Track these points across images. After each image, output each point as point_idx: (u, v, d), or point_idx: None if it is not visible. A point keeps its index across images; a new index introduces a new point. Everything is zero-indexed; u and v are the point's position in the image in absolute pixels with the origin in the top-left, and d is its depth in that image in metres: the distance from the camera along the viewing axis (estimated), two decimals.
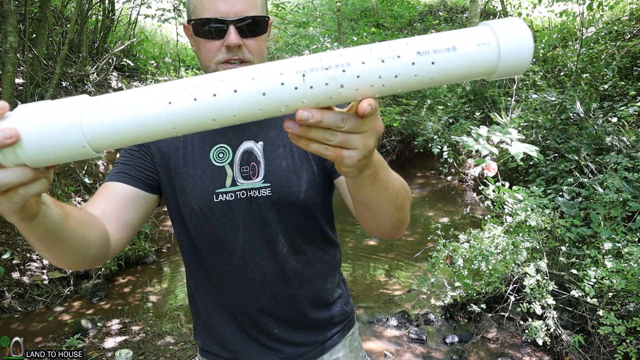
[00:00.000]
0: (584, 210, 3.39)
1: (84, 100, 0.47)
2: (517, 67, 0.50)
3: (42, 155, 0.46)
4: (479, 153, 3.06)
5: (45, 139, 0.45)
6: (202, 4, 0.89)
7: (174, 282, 4.28)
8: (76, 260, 0.76)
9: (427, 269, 3.16)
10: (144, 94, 0.47)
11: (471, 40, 0.49)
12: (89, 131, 0.46)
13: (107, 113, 0.46)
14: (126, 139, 0.47)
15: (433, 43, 0.48)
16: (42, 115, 0.46)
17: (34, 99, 4.72)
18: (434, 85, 0.50)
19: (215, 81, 0.47)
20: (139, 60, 7.52)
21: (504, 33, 0.49)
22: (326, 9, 10.98)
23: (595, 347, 2.51)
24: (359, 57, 0.48)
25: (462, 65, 0.49)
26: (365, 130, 0.53)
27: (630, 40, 5.95)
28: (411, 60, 0.48)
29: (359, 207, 0.77)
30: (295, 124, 0.50)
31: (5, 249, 3.76)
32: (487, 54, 0.49)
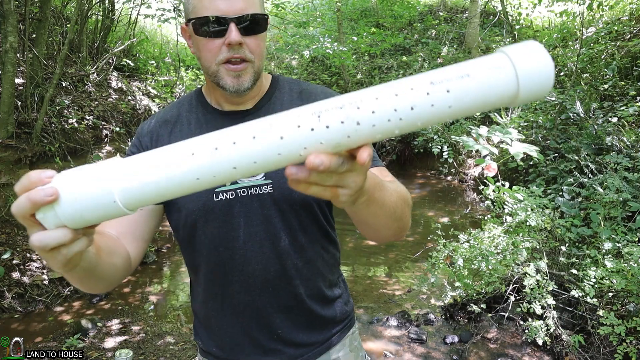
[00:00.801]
0: (584, 210, 3.39)
1: (117, 164, 0.50)
2: (540, 86, 0.48)
3: (80, 216, 0.50)
4: (479, 153, 3.06)
5: (82, 202, 0.49)
6: (202, 3, 0.88)
7: (174, 282, 4.28)
8: (106, 285, 0.83)
9: (427, 269, 3.16)
10: (169, 151, 0.49)
11: (484, 65, 0.48)
12: (121, 195, 0.49)
13: (138, 176, 0.49)
14: (156, 197, 0.50)
15: (446, 72, 0.48)
16: (79, 180, 0.49)
17: (33, 99, 4.72)
18: (456, 116, 0.49)
19: (235, 130, 0.49)
20: (139, 60, 7.52)
21: (518, 54, 0.48)
22: (326, 9, 10.97)
23: (595, 347, 2.51)
24: (373, 94, 0.48)
25: (479, 91, 0.48)
26: (356, 170, 0.54)
27: (630, 40, 5.96)
28: (425, 91, 0.47)
29: (357, 224, 0.80)
30: (299, 170, 0.50)
31: (5, 249, 3.76)
32: (503, 78, 0.48)
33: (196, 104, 1.04)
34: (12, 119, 4.32)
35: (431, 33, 10.33)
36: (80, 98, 5.50)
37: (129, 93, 6.42)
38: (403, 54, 9.97)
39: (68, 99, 5.24)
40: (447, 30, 9.81)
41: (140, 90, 6.83)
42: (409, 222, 0.86)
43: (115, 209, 0.49)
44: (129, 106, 6.09)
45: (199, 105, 1.04)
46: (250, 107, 1.01)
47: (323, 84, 9.76)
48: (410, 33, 10.52)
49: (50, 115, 4.76)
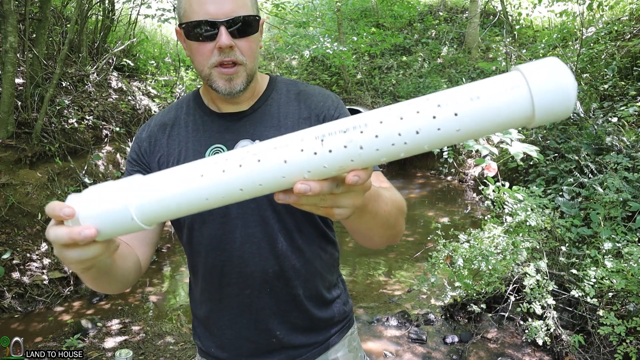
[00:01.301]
0: (584, 210, 3.39)
1: (134, 184, 0.54)
2: (559, 106, 0.44)
3: (103, 233, 0.54)
4: (479, 153, 3.06)
5: (104, 222, 0.53)
6: (192, 7, 0.88)
7: (174, 282, 4.28)
8: (119, 287, 0.87)
9: (427, 269, 3.16)
10: (181, 171, 0.53)
11: (497, 86, 0.46)
12: (138, 214, 0.53)
13: (151, 195, 0.52)
14: (170, 213, 0.53)
15: (455, 94, 0.47)
16: (99, 202, 0.54)
17: (33, 99, 4.72)
18: (465, 138, 0.48)
19: (242, 153, 0.51)
20: (139, 60, 7.52)
21: (534, 73, 0.45)
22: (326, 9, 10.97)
23: (595, 347, 2.50)
24: (377, 117, 0.48)
25: (489, 114, 0.45)
26: (355, 191, 0.54)
27: (630, 40, 5.96)
28: (432, 114, 0.46)
29: (350, 231, 0.81)
30: (286, 196, 0.51)
31: (5, 249, 3.76)
32: (518, 99, 0.45)
33: (194, 105, 1.04)
34: (12, 119, 4.32)
35: (431, 33, 10.33)
36: (80, 98, 5.50)
37: (129, 93, 6.42)
38: (403, 54, 9.97)
39: (68, 99, 5.24)
40: (447, 30, 9.81)
41: (140, 90, 6.83)
42: (402, 229, 0.86)
43: (134, 225, 0.53)
44: (129, 106, 6.09)
45: (196, 107, 1.04)
46: (246, 108, 1.00)
47: (323, 84, 9.76)
48: (410, 33, 10.52)
49: (50, 115, 4.76)
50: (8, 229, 3.94)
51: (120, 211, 0.52)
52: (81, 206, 0.53)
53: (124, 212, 0.52)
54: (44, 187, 4.34)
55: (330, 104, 1.01)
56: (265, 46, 11.46)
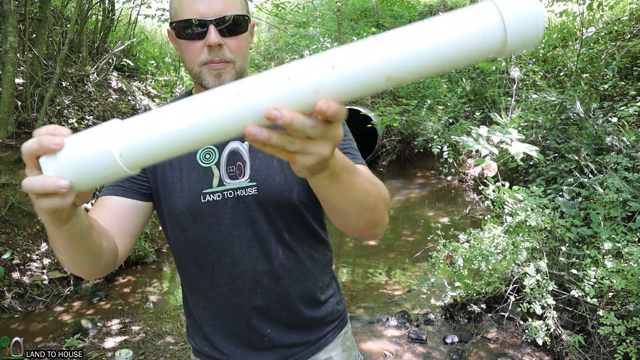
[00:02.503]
0: (584, 210, 3.39)
1: (118, 124, 0.52)
2: (530, 31, 0.45)
3: (79, 171, 0.52)
4: (479, 153, 3.06)
5: (82, 157, 0.51)
6: (182, 7, 0.90)
7: (174, 282, 4.28)
8: (92, 268, 0.83)
9: (427, 269, 3.16)
10: (162, 111, 0.51)
11: (472, 14, 0.46)
12: (123, 156, 0.51)
13: (135, 134, 0.51)
14: (155, 154, 0.51)
15: (433, 23, 0.47)
16: (83, 139, 0.52)
17: (33, 99, 4.72)
18: (443, 66, 0.46)
19: (221, 90, 0.50)
20: (139, 60, 7.51)
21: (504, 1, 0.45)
22: (326, 9, 10.97)
23: (595, 347, 2.50)
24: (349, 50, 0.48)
25: (466, 41, 0.46)
26: (326, 138, 0.51)
27: (630, 40, 5.96)
28: (412, 40, 0.46)
29: (324, 206, 0.78)
30: (259, 130, 0.48)
31: (5, 249, 3.76)
32: (491, 25, 0.45)
33: None
34: (12, 119, 4.32)
35: None
36: (80, 98, 5.50)
37: (129, 93, 6.42)
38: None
39: (68, 99, 5.24)
40: None
41: (140, 90, 6.83)
42: (383, 218, 0.83)
43: (116, 168, 0.51)
44: (129, 106, 6.09)
45: None
46: None
47: None
48: None
49: (50, 115, 4.76)
50: (8, 229, 3.94)
51: (104, 155, 0.50)
52: (61, 152, 0.51)
53: (107, 156, 0.50)
54: None
55: None
56: (265, 46, 11.46)
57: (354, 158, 0.97)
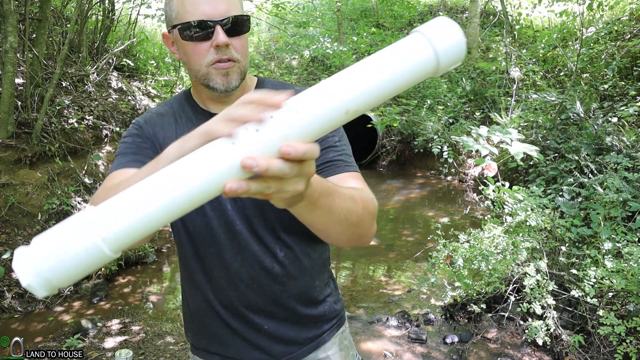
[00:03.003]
0: (584, 210, 3.39)
1: (90, 216, 0.49)
2: (458, 54, 0.53)
3: (71, 276, 0.49)
4: (479, 153, 3.06)
5: (72, 265, 0.48)
6: (185, 8, 0.90)
7: (174, 282, 4.28)
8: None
9: (427, 269, 3.16)
10: (138, 191, 0.50)
11: (406, 50, 0.53)
12: (109, 245, 0.48)
13: (118, 223, 0.48)
14: (139, 235, 0.50)
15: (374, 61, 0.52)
16: (60, 247, 0.48)
17: (33, 99, 4.72)
18: (387, 96, 0.53)
19: (186, 159, 0.50)
20: (139, 60, 7.51)
21: (433, 34, 0.52)
22: (326, 9, 10.98)
23: (595, 347, 2.51)
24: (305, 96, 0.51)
25: (403, 75, 0.52)
26: (300, 175, 0.53)
27: (630, 40, 5.96)
28: (361, 78, 0.51)
29: (307, 226, 0.79)
30: (238, 184, 0.48)
31: (5, 249, 3.76)
32: (425, 56, 0.52)
33: (186, 104, 1.07)
34: (12, 119, 4.32)
35: None
36: (80, 98, 5.50)
37: (129, 93, 6.42)
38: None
39: (68, 99, 5.24)
40: None
41: (140, 90, 6.83)
42: (370, 230, 0.85)
43: (103, 258, 0.48)
44: (129, 106, 6.09)
45: (187, 105, 1.06)
46: None
47: None
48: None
49: (50, 115, 4.76)
50: (8, 229, 3.94)
51: (88, 249, 0.47)
52: (39, 255, 0.47)
53: (93, 249, 0.47)
54: (44, 187, 4.34)
55: None
56: (265, 46, 11.46)
57: (347, 165, 0.97)
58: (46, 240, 0.48)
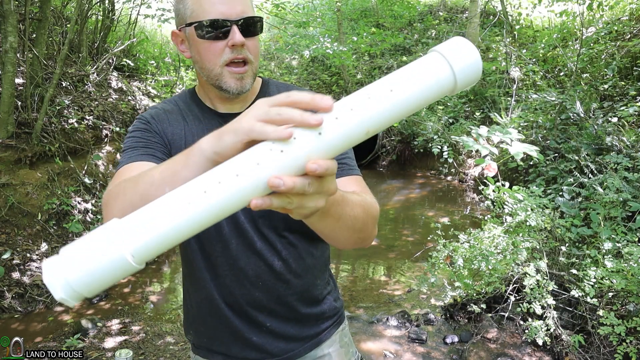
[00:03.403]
0: (584, 210, 3.39)
1: (115, 229, 0.51)
2: (474, 74, 0.54)
3: (99, 286, 0.51)
4: (479, 153, 3.06)
5: (101, 276, 0.50)
6: (202, 7, 0.91)
7: (174, 282, 4.28)
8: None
9: (427, 269, 3.16)
10: (164, 203, 0.52)
11: (424, 69, 0.53)
12: (135, 257, 0.51)
13: (142, 235, 0.50)
14: (164, 247, 0.52)
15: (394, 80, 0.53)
16: (90, 260, 0.50)
17: (33, 99, 4.72)
18: (404, 115, 0.54)
19: (216, 172, 0.52)
20: (139, 60, 7.51)
21: (451, 55, 0.53)
22: (326, 9, 10.97)
23: (595, 347, 2.51)
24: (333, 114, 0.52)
25: (422, 93, 0.53)
26: (321, 192, 0.54)
27: (630, 40, 5.96)
28: (382, 96, 0.52)
29: (314, 230, 0.81)
30: (262, 200, 0.51)
31: (5, 249, 3.76)
32: (444, 77, 0.53)
33: (191, 102, 1.07)
34: (12, 119, 4.32)
35: (431, 33, 10.33)
36: (80, 98, 5.50)
37: (129, 93, 6.42)
38: (403, 54, 9.97)
39: (68, 99, 5.24)
40: (447, 30, 9.80)
41: (140, 90, 6.83)
42: (371, 234, 0.88)
43: (128, 269, 0.51)
44: (129, 106, 6.09)
45: (193, 103, 1.06)
46: (241, 109, 1.03)
47: (323, 84, 9.76)
48: (410, 33, 10.52)
49: (50, 115, 4.76)
50: (8, 229, 3.94)
51: (116, 261, 0.49)
52: (70, 268, 0.50)
53: (121, 261, 0.49)
54: (44, 187, 4.34)
55: None
56: (265, 46, 11.45)
57: (350, 169, 0.98)
58: (74, 253, 0.50)
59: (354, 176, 0.97)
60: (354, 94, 0.53)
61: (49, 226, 4.19)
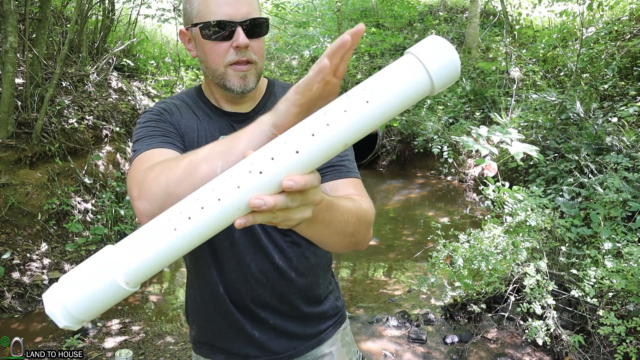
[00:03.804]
0: (584, 210, 3.39)
1: (108, 256, 0.54)
2: (451, 74, 0.53)
3: (95, 311, 0.55)
4: (479, 153, 3.06)
5: (95, 301, 0.53)
6: (208, 8, 0.91)
7: (174, 282, 4.28)
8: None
9: (427, 269, 3.16)
10: (151, 230, 0.54)
11: (399, 73, 0.52)
12: (128, 281, 0.53)
13: (133, 260, 0.53)
14: (153, 270, 0.54)
15: (370, 85, 0.53)
16: (84, 287, 0.53)
17: (33, 99, 4.72)
18: (382, 121, 0.53)
19: (198, 195, 0.54)
20: (139, 60, 7.51)
21: (425, 55, 0.52)
22: (326, 9, 10.98)
23: (595, 347, 2.51)
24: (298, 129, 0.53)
25: (398, 98, 0.52)
26: (306, 204, 0.56)
27: (630, 40, 5.96)
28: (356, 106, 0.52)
29: (304, 236, 0.82)
30: (245, 219, 0.53)
31: (5, 249, 3.76)
32: (419, 79, 0.52)
33: (198, 100, 1.07)
34: (12, 119, 4.32)
35: (431, 33, 10.33)
36: (80, 98, 5.50)
37: (129, 93, 6.42)
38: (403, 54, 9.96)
39: (68, 99, 5.24)
40: (447, 30, 9.80)
41: (140, 90, 6.83)
42: (365, 237, 0.88)
43: (122, 293, 0.53)
44: (129, 106, 6.09)
45: (200, 101, 1.07)
46: (248, 110, 1.04)
47: None
48: (410, 33, 10.52)
49: (50, 115, 4.76)
50: (8, 229, 3.94)
51: (109, 286, 0.52)
52: (67, 296, 0.53)
53: (113, 286, 0.52)
54: (44, 187, 4.34)
55: None
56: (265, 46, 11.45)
57: (348, 171, 0.98)
58: (70, 281, 0.53)
59: (352, 179, 0.97)
60: (330, 105, 0.53)
61: (49, 226, 4.19)
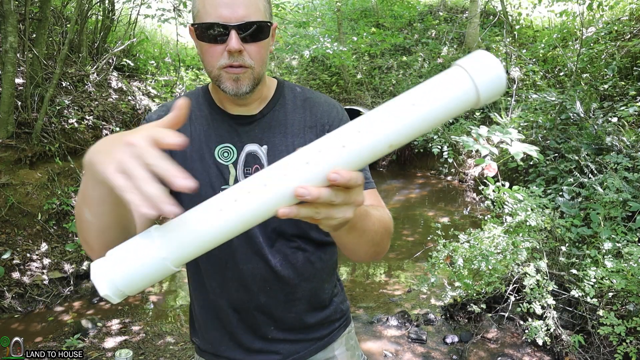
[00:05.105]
0: (584, 210, 3.39)
1: (155, 235, 0.56)
2: (498, 88, 0.54)
3: (137, 284, 0.56)
4: (479, 153, 3.06)
5: (144, 277, 0.55)
6: (205, 9, 0.90)
7: (174, 282, 4.28)
8: (117, 238, 0.71)
9: (427, 269, 3.16)
10: (199, 211, 0.56)
11: (447, 85, 0.54)
12: (174, 261, 0.55)
13: (179, 241, 0.55)
14: (198, 252, 0.56)
15: (417, 94, 0.54)
16: (134, 264, 0.55)
17: (33, 99, 4.72)
18: (430, 127, 0.54)
19: (245, 184, 0.55)
20: (139, 60, 7.51)
21: (474, 68, 0.53)
22: (326, 9, 10.98)
23: (595, 347, 2.51)
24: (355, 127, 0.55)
25: (444, 108, 0.54)
26: (348, 203, 0.56)
27: (630, 40, 5.96)
28: (402, 112, 0.54)
29: (337, 244, 0.84)
30: (289, 209, 0.53)
31: (5, 249, 3.76)
32: (467, 92, 0.53)
33: (203, 101, 1.06)
34: (12, 119, 4.32)
35: (431, 33, 10.33)
36: (80, 98, 5.50)
37: (129, 93, 6.42)
38: (403, 54, 9.97)
39: (68, 99, 5.24)
40: (447, 30, 9.80)
41: (140, 90, 6.83)
42: (386, 247, 0.90)
43: (167, 271, 0.56)
44: (129, 106, 6.09)
45: (205, 103, 1.05)
46: (255, 112, 1.03)
47: (323, 84, 9.75)
48: (410, 33, 10.52)
49: (50, 115, 4.76)
50: (8, 229, 3.94)
51: (158, 266, 0.54)
52: (115, 270, 0.54)
53: (161, 264, 0.54)
54: (44, 187, 4.34)
55: (335, 114, 1.05)
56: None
57: (366, 182, 0.98)
58: (119, 255, 0.55)
59: (370, 190, 0.99)
60: (376, 109, 0.55)
61: (49, 226, 4.19)
